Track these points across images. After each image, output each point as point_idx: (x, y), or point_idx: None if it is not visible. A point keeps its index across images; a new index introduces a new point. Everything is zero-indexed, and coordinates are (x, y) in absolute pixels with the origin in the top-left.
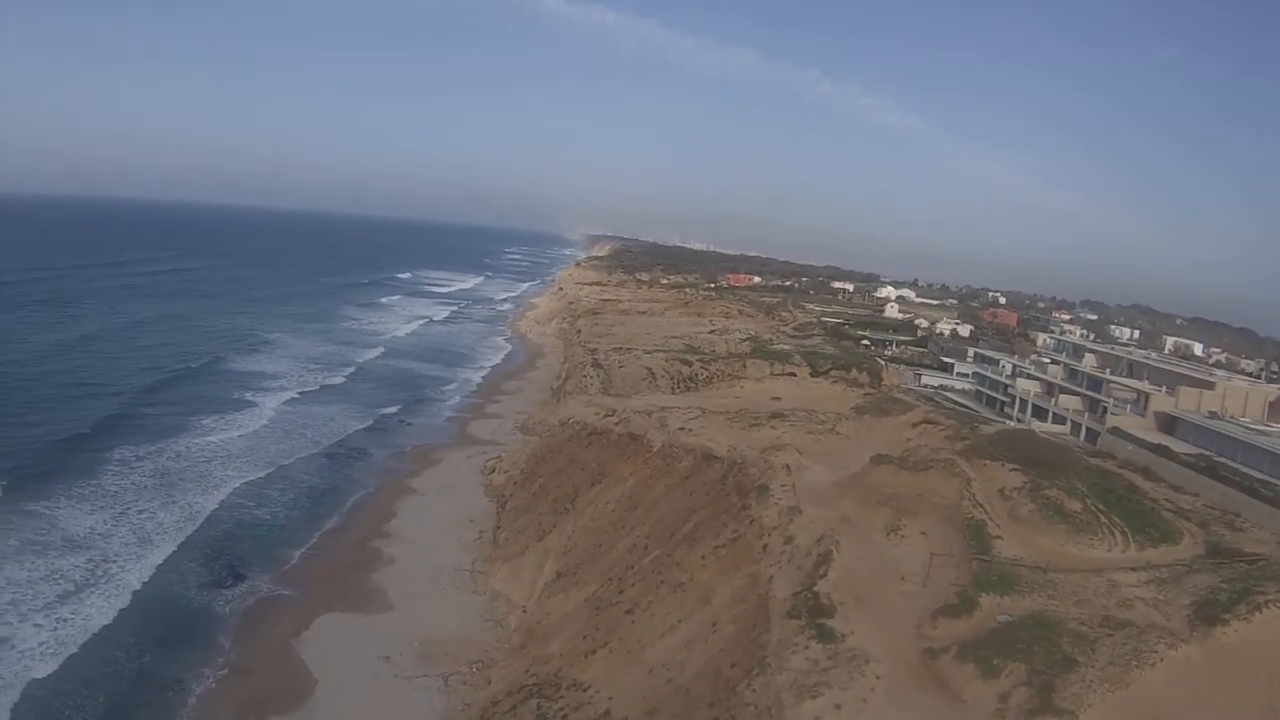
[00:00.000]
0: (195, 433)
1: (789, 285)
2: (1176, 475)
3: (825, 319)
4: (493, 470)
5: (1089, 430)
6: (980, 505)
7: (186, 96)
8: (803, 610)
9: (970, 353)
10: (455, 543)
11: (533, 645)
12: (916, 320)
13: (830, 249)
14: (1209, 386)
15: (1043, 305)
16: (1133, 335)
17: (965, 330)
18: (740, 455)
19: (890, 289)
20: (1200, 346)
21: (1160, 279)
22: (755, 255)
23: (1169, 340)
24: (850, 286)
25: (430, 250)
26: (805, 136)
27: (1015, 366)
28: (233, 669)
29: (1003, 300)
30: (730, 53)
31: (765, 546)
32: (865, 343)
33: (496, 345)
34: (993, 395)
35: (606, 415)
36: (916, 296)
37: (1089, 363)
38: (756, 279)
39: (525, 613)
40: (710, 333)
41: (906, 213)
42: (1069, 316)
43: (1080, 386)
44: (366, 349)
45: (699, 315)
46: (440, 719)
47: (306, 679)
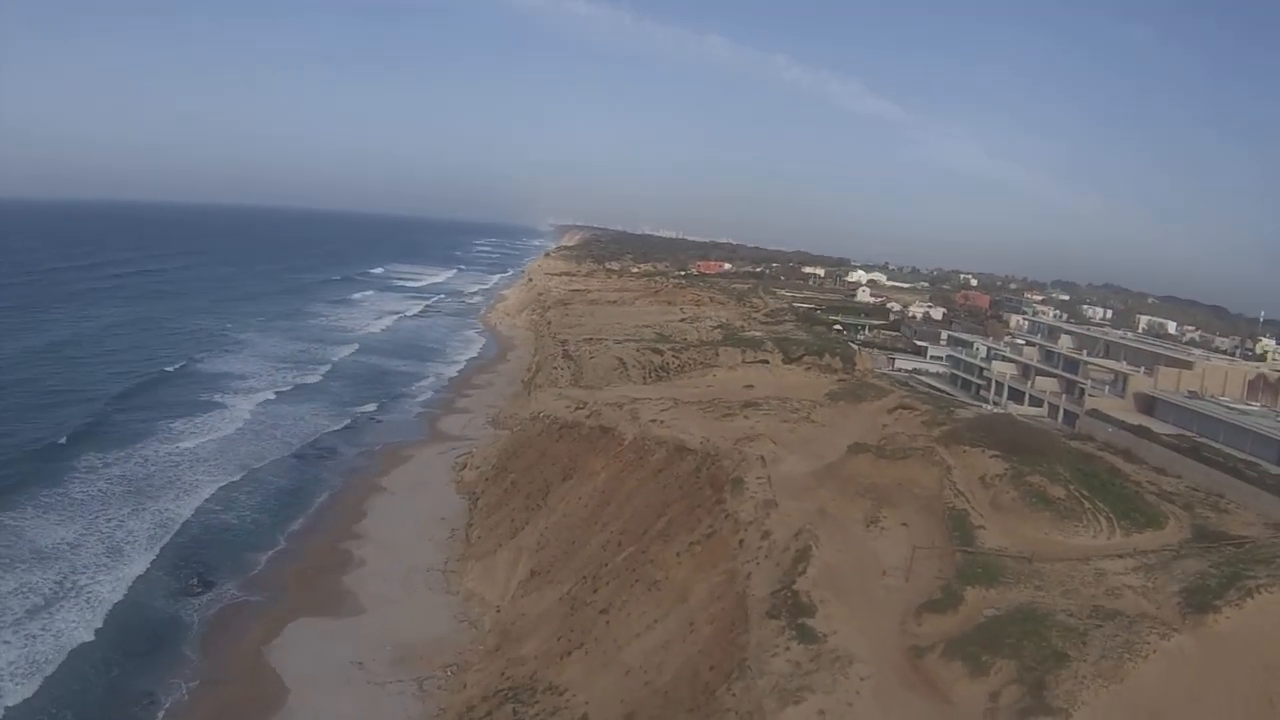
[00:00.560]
0: (165, 438)
1: (760, 271)
2: (1158, 457)
3: (797, 304)
4: (464, 466)
5: (1066, 412)
6: (962, 494)
7: (155, 95)
8: (782, 609)
9: (943, 335)
10: (427, 542)
11: (507, 647)
12: (888, 304)
13: (800, 234)
14: (1188, 366)
15: (1014, 286)
16: (1105, 315)
17: (938, 313)
18: (714, 447)
19: (861, 273)
20: (1174, 325)
21: (1129, 258)
22: (725, 242)
23: (1142, 319)
24: (821, 271)
25: (402, 245)
26: (774, 122)
27: (990, 349)
28: (203, 680)
29: (974, 282)
30: (700, 40)
31: (742, 542)
32: (837, 328)
33: (468, 339)
34: (968, 378)
35: (577, 408)
36: (888, 280)
37: (1065, 344)
38: (727, 266)
39: (499, 613)
40: (681, 321)
41: (876, 196)
42: (1041, 297)
43: (1057, 368)
44: (339, 346)
45: (669, 303)
46: None
47: (278, 688)
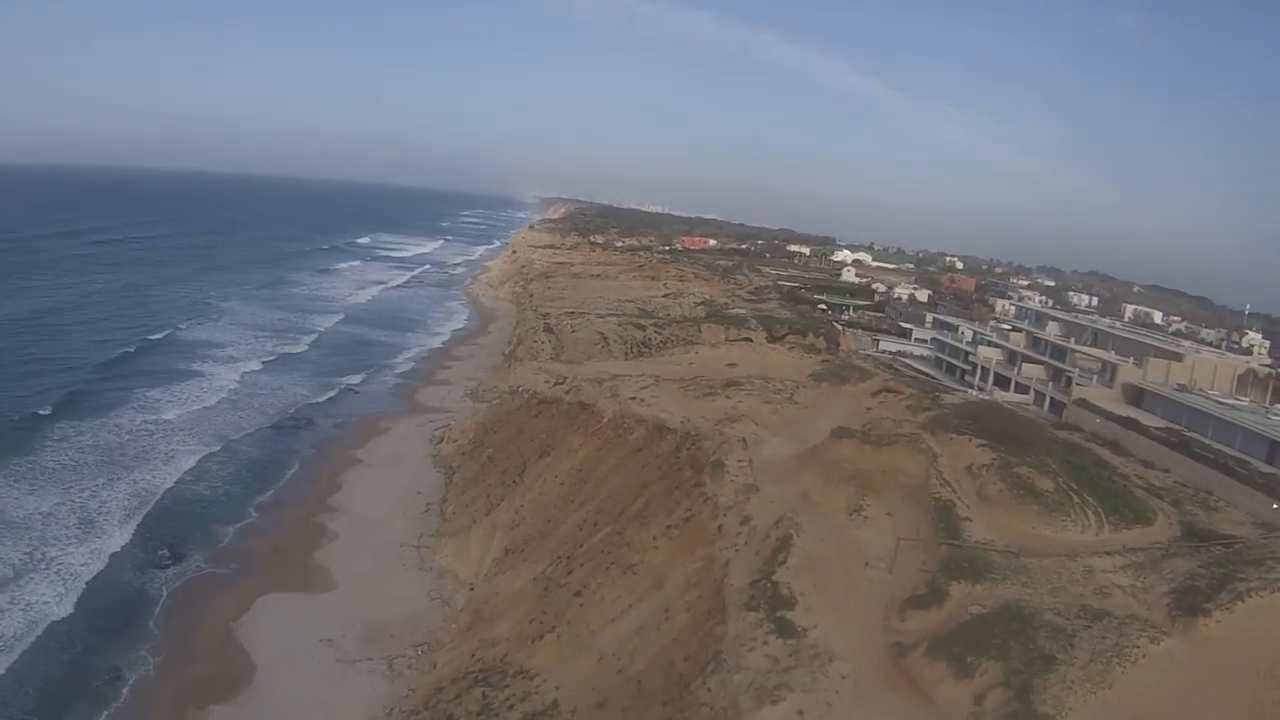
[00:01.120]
0: (144, 408)
1: (744, 248)
2: (1146, 450)
3: (781, 283)
4: (441, 440)
5: (1053, 400)
6: (948, 484)
7: (148, 60)
8: (761, 601)
9: (929, 318)
10: (402, 517)
11: (479, 627)
12: (874, 284)
13: (786, 212)
14: (1177, 358)
15: (1000, 271)
16: (1091, 302)
17: (923, 295)
18: (694, 427)
19: (847, 252)
20: (1160, 315)
21: (1114, 244)
22: (711, 218)
23: (1129, 308)
24: (806, 250)
25: (389, 214)
26: (762, 99)
27: (976, 333)
28: (170, 656)
29: (960, 265)
30: (688, 16)
31: (721, 527)
32: (822, 307)
33: (450, 310)
34: (953, 362)
35: (557, 383)
36: (873, 260)
37: (1053, 331)
38: (712, 242)
39: (473, 591)
40: (664, 297)
41: (862, 176)
42: (1026, 282)
43: (1044, 355)
44: (323, 315)
45: (653, 279)
46: (384, 705)
47: (246, 665)
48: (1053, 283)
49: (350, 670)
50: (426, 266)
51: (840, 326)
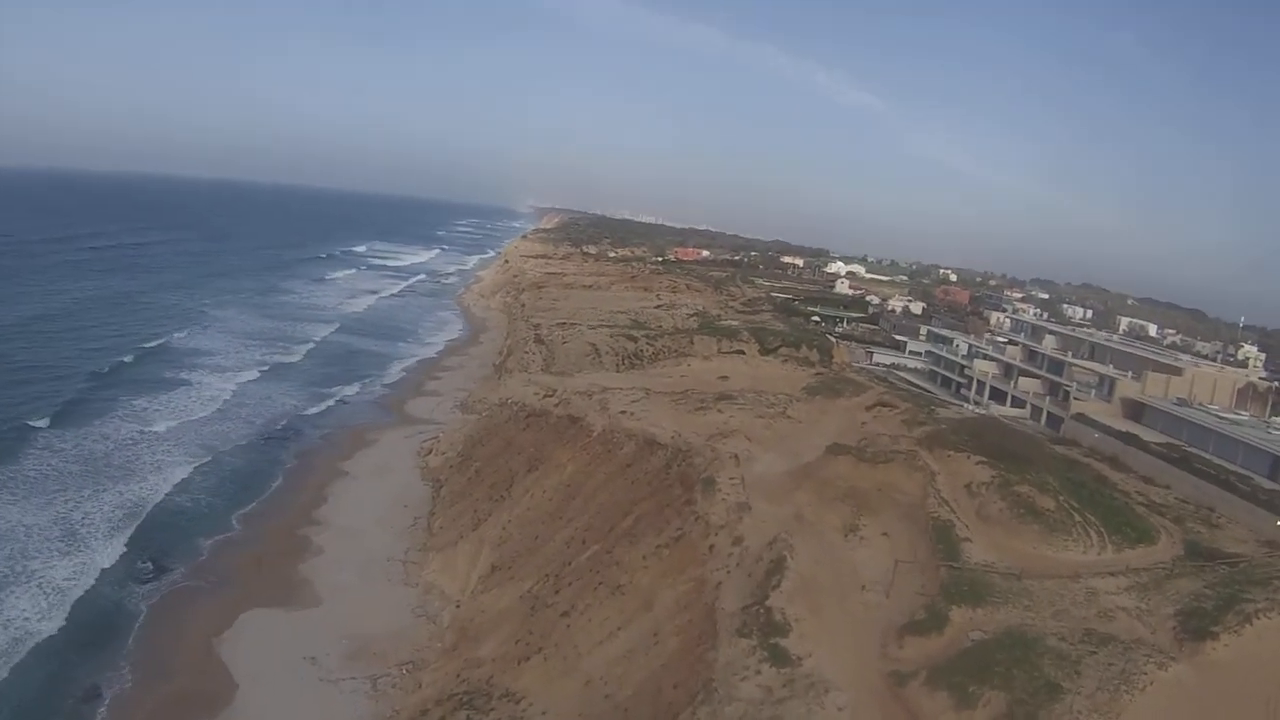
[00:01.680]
0: (133, 417)
1: (738, 260)
2: (1146, 465)
3: (775, 294)
4: (429, 452)
5: (1050, 415)
6: (946, 503)
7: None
8: (754, 628)
9: (923, 331)
10: (388, 530)
11: (465, 647)
12: (868, 296)
13: (780, 224)
14: (1176, 372)
15: (994, 283)
16: (1085, 315)
17: (917, 307)
18: (685, 442)
19: (840, 264)
20: (1154, 328)
21: (1107, 257)
22: (704, 229)
23: (1123, 321)
24: (800, 261)
25: (387, 223)
26: (757, 112)
27: (971, 346)
28: (150, 672)
29: (954, 277)
30: (687, 28)
31: (712, 548)
32: (815, 319)
33: (442, 320)
34: (948, 376)
35: (546, 395)
36: (867, 272)
37: (1049, 344)
38: (705, 253)
39: (459, 608)
40: (657, 308)
41: (857, 189)
42: (1020, 295)
43: (1041, 369)
44: (318, 325)
45: (646, 290)
46: None
47: (227, 682)
48: (1046, 295)
49: (333, 689)
50: (421, 276)
51: (834, 339)
